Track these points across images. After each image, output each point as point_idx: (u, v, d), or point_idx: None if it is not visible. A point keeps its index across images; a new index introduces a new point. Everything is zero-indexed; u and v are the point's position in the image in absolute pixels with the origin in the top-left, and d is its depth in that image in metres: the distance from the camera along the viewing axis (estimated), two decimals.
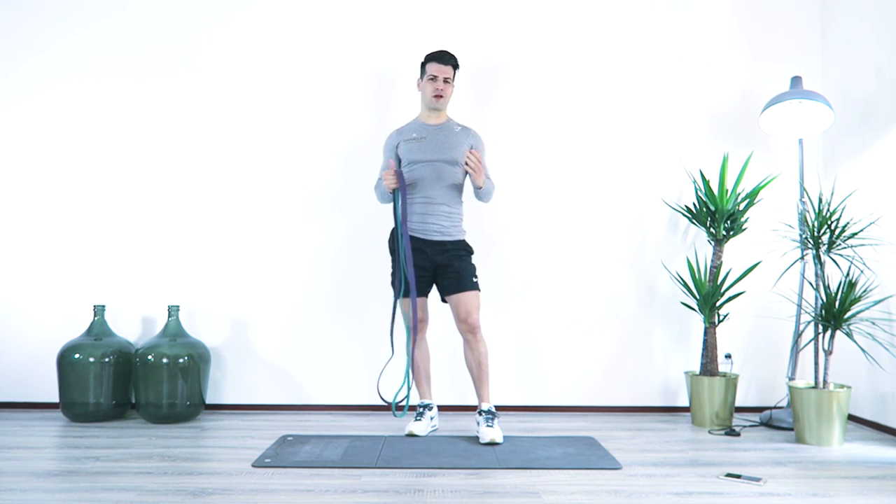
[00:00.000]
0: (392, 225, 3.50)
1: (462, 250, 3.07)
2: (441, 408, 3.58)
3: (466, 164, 2.95)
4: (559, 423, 3.34)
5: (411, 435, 3.01)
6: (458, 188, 3.12)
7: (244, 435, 3.05)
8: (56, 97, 3.69)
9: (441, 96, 3.08)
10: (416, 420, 3.09)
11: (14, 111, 3.68)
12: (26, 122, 3.68)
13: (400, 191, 2.99)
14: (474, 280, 3.04)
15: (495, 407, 3.54)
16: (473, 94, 3.68)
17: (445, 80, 3.09)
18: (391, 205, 3.20)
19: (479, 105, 3.67)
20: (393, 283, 3.14)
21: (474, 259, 3.13)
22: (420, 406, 3.15)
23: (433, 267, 3.06)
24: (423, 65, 3.13)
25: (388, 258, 3.54)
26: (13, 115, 3.68)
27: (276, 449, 2.77)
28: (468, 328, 3.01)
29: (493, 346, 3.57)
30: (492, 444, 2.88)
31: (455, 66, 3.13)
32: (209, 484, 2.32)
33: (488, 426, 2.93)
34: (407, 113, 3.62)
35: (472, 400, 3.55)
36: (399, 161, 3.14)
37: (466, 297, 3.00)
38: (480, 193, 3.09)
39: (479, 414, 2.99)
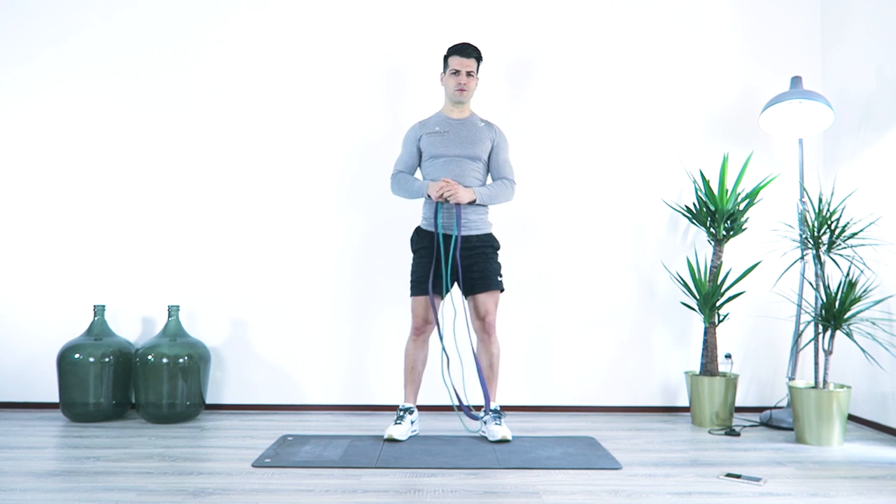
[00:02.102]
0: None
1: (489, 247, 3.05)
2: (440, 408, 3.58)
3: (443, 196, 2.94)
4: (559, 423, 3.34)
5: (391, 440, 2.91)
6: (482, 183, 3.09)
7: (244, 435, 3.05)
8: (56, 98, 3.68)
9: (464, 90, 3.06)
10: (397, 424, 2.97)
11: (14, 112, 3.68)
12: (27, 122, 3.68)
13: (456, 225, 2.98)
14: (499, 279, 3.04)
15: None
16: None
17: (468, 74, 3.06)
18: (413, 200, 3.11)
19: (478, 105, 3.67)
20: (416, 281, 3.02)
21: None
22: (402, 409, 3.03)
23: (456, 265, 3.01)
24: (446, 58, 3.10)
25: (392, 258, 3.55)
26: (14, 116, 3.68)
27: (276, 449, 2.77)
28: (485, 327, 3.01)
29: None
30: (503, 441, 2.89)
31: (478, 59, 3.09)
32: (209, 484, 2.32)
33: (497, 424, 2.94)
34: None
35: (471, 400, 3.55)
36: (420, 154, 3.12)
37: (488, 296, 3.01)
38: (485, 203, 3.04)
39: (486, 413, 2.99)
